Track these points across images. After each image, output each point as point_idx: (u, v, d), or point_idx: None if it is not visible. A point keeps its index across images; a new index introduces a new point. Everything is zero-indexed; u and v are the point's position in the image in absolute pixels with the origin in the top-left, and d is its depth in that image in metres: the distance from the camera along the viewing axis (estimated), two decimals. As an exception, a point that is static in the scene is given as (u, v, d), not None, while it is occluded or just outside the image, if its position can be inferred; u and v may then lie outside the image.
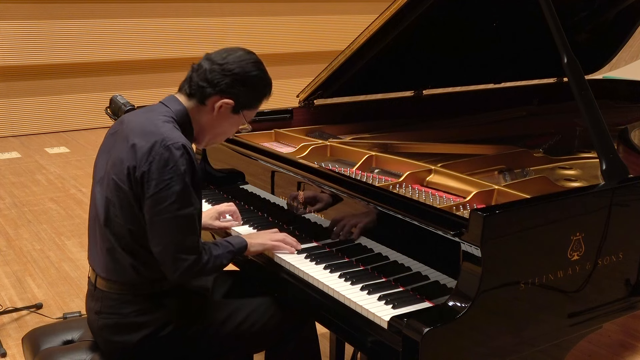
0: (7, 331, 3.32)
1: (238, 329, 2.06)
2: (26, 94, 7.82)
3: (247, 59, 1.98)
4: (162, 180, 1.81)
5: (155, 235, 1.85)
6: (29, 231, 4.74)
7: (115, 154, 1.92)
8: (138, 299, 1.95)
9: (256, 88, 2.01)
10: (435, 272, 1.80)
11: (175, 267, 1.85)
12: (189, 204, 1.85)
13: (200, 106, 1.98)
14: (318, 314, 1.99)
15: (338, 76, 2.85)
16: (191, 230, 1.86)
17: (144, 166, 1.82)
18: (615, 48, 3.65)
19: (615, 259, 1.92)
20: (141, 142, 1.85)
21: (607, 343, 3.13)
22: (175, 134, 1.88)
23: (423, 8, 2.55)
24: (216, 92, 1.95)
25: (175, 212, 1.82)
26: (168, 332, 1.96)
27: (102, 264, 1.97)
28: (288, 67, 9.31)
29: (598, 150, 2.00)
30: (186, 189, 1.83)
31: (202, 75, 1.96)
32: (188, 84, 1.99)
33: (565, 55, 2.05)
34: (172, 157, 1.82)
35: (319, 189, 2.15)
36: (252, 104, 2.03)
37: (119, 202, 1.89)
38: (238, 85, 1.96)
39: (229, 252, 2.00)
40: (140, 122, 1.94)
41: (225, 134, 2.10)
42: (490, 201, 2.05)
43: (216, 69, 1.95)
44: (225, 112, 1.99)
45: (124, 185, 1.87)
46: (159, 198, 1.82)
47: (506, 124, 3.25)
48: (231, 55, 1.98)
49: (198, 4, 8.62)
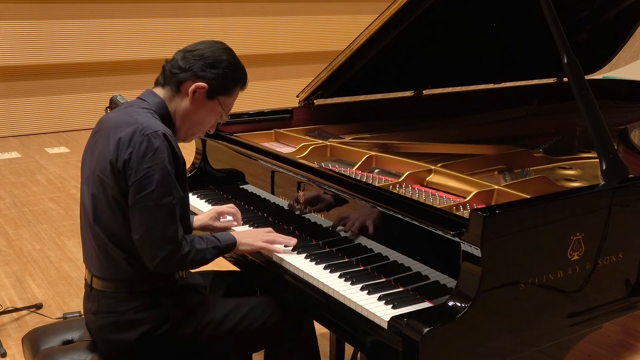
0: (7, 331, 3.32)
1: (237, 328, 2.06)
2: (26, 94, 7.82)
3: (218, 46, 2.04)
4: (142, 168, 1.84)
5: (135, 222, 1.87)
6: (29, 231, 4.74)
7: (98, 151, 1.96)
8: (134, 296, 1.96)
9: (228, 71, 2.02)
10: (435, 272, 1.80)
11: (153, 256, 1.87)
12: (169, 193, 1.87)
13: (176, 94, 2.02)
14: (318, 314, 1.99)
15: (338, 76, 2.86)
16: (171, 219, 1.88)
17: (125, 155, 1.86)
18: (615, 48, 3.65)
19: (615, 259, 1.92)
20: (120, 134, 1.89)
21: (607, 343, 3.13)
22: (153, 122, 1.92)
23: (423, 8, 2.55)
24: (189, 77, 1.99)
25: (155, 201, 1.85)
26: (166, 330, 1.96)
27: (96, 263, 1.98)
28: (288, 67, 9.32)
29: (598, 150, 2.00)
30: (167, 178, 1.86)
31: (174, 65, 2.02)
32: (162, 75, 2.05)
33: (565, 55, 2.05)
34: (151, 146, 1.85)
35: (319, 189, 2.15)
36: (226, 88, 2.04)
37: (106, 197, 1.91)
38: (209, 68, 1.99)
39: (214, 248, 2.00)
40: (118, 117, 1.98)
41: (203, 124, 2.09)
42: (490, 201, 2.05)
43: (188, 56, 2.01)
44: (200, 98, 2.01)
45: (108, 179, 1.89)
46: (139, 186, 1.84)
47: (506, 124, 3.25)
48: (202, 44, 2.04)
49: (198, 4, 8.62)
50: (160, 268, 1.91)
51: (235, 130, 2.77)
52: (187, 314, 2.01)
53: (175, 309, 1.98)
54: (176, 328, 1.98)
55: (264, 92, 9.10)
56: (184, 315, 2.00)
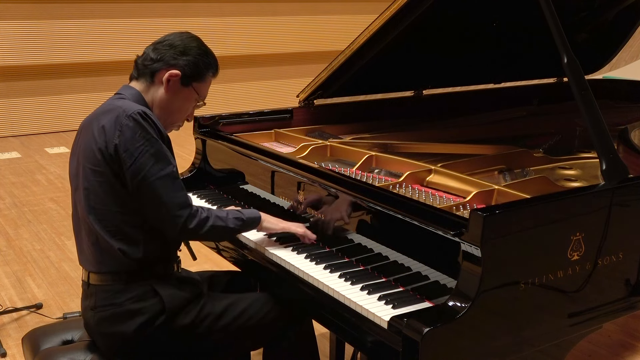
0: (7, 331, 3.32)
1: (235, 322, 2.06)
2: (26, 94, 7.82)
3: (186, 35, 2.10)
4: (135, 148, 1.89)
5: (146, 202, 1.92)
6: (29, 231, 4.74)
7: (82, 147, 1.99)
8: (131, 286, 1.98)
9: (199, 57, 2.07)
10: (435, 272, 1.80)
11: (175, 224, 1.92)
12: (169, 163, 1.93)
13: (150, 85, 2.07)
14: (318, 313, 1.99)
15: (338, 76, 2.86)
16: (177, 187, 1.93)
17: (115, 139, 1.90)
18: (615, 48, 3.65)
19: (615, 259, 1.92)
20: (103, 122, 1.94)
21: (607, 343, 3.13)
22: (132, 104, 1.97)
23: (423, 8, 2.55)
24: (161, 66, 2.04)
25: (158, 174, 1.90)
26: (163, 321, 1.97)
27: (91, 259, 2.01)
28: (288, 67, 9.32)
29: (598, 150, 2.00)
30: (160, 149, 1.92)
31: (146, 57, 2.07)
32: (135, 69, 2.09)
33: (565, 55, 2.05)
34: (138, 124, 1.90)
35: (319, 189, 2.15)
36: (199, 74, 2.08)
37: (99, 186, 1.94)
38: (180, 55, 2.05)
39: (237, 219, 2.06)
40: (96, 112, 2.04)
41: (181, 111, 2.13)
42: (490, 201, 2.05)
43: (158, 47, 2.07)
44: (174, 86, 2.06)
45: (100, 167, 1.93)
46: (139, 165, 1.89)
47: (506, 124, 3.25)
48: (170, 35, 2.10)
49: (198, 4, 8.62)
50: (186, 234, 1.98)
51: (235, 130, 2.77)
52: (184, 304, 2.01)
53: (171, 298, 2.00)
54: (174, 319, 1.99)
55: (264, 92, 9.11)
56: (180, 305, 2.00)
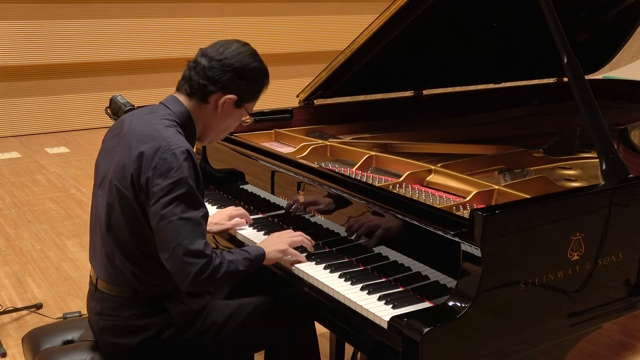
0: (7, 331, 3.31)
1: (239, 330, 2.06)
2: (26, 94, 7.81)
3: (244, 52, 1.97)
4: (166, 184, 1.78)
5: (163, 240, 1.80)
6: (29, 231, 4.74)
7: (118, 159, 1.90)
8: (138, 302, 1.94)
9: (256, 80, 2.00)
10: (435, 272, 1.80)
11: (186, 272, 1.78)
12: (195, 207, 1.82)
13: (202, 105, 1.97)
14: (318, 314, 1.99)
15: (338, 76, 2.85)
16: (198, 233, 1.80)
17: (149, 172, 1.80)
18: (615, 48, 3.65)
19: (615, 259, 1.92)
20: (144, 148, 1.83)
21: (607, 343, 3.13)
22: (178, 138, 1.86)
23: (423, 8, 2.55)
24: (218, 89, 1.94)
25: (180, 215, 1.78)
26: (168, 335, 1.96)
27: (102, 267, 1.97)
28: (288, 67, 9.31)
29: (598, 150, 2.00)
30: (191, 192, 1.81)
31: (201, 73, 1.94)
32: (188, 84, 1.97)
33: (565, 55, 2.05)
34: (176, 162, 1.80)
35: (319, 189, 2.15)
36: (253, 96, 2.04)
37: (122, 209, 1.87)
38: (239, 79, 1.95)
39: (245, 259, 1.92)
40: (142, 127, 1.91)
41: (229, 129, 2.10)
42: (490, 201, 2.05)
43: (215, 65, 1.93)
44: (228, 108, 1.98)
45: (127, 191, 1.85)
46: (164, 202, 1.78)
47: (506, 124, 3.25)
48: (228, 49, 1.96)
49: (198, 4, 8.62)
50: (196, 285, 1.82)
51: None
52: (191, 318, 1.99)
53: (179, 315, 1.96)
54: (178, 333, 1.97)
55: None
56: (187, 320, 1.98)
